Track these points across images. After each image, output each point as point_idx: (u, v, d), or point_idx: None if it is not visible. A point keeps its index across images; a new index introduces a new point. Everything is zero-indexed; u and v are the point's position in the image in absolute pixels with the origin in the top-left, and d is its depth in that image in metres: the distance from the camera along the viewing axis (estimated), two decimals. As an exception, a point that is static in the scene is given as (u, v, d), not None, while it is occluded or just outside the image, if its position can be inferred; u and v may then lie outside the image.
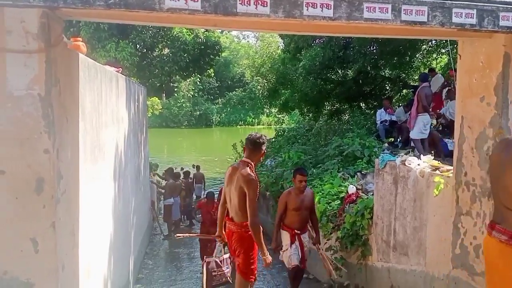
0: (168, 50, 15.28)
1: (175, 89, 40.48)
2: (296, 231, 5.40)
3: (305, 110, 18.27)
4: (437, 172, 4.40)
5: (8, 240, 2.43)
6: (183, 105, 43.24)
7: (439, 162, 4.74)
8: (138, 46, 14.57)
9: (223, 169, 17.97)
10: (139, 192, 8.55)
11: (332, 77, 16.69)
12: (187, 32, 14.87)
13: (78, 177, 3.06)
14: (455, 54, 7.32)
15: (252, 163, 4.04)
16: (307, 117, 18.52)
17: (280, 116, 39.63)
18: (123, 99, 6.48)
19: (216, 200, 7.62)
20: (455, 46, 9.91)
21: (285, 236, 5.48)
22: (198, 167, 14.78)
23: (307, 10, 2.48)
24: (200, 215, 8.71)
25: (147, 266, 8.57)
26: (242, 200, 3.87)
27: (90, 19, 4.70)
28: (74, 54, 3.14)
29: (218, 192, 7.91)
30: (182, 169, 16.39)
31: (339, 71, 16.72)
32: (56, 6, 2.23)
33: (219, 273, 4.62)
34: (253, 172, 3.93)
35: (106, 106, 4.85)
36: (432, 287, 4.37)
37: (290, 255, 5.39)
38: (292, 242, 5.39)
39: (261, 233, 3.92)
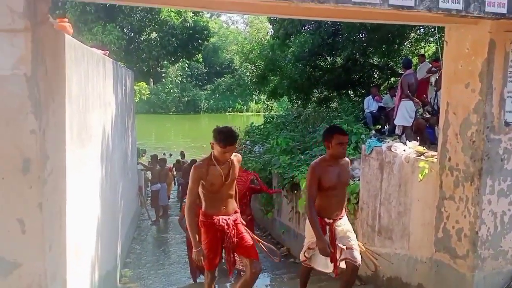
0: (156, 34, 15.10)
1: (163, 75, 40.14)
2: (327, 220, 3.82)
3: (294, 97, 18.25)
4: (422, 157, 4.48)
5: (-5, 221, 2.42)
6: (171, 91, 42.90)
7: (424, 148, 4.82)
8: (125, 29, 14.37)
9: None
10: (127, 177, 8.52)
11: (321, 64, 16.68)
12: (175, 16, 14.70)
13: (64, 158, 3.05)
14: (442, 42, 7.38)
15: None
16: (296, 104, 18.53)
17: (269, 103, 39.60)
18: (110, 82, 6.42)
19: None
20: (442, 34, 9.99)
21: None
22: (183, 155, 14.82)
23: (296, -8, 2.48)
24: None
25: (135, 251, 8.60)
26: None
27: (76, -1, 4.61)
28: (60, 34, 3.10)
29: None
30: (170, 155, 16.38)
31: (328, 58, 16.72)
32: (42, -16, 2.19)
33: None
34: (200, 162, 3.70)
35: (93, 88, 4.80)
36: (415, 270, 4.48)
37: (317, 258, 3.89)
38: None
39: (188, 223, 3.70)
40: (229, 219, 3.72)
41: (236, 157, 3.74)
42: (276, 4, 2.55)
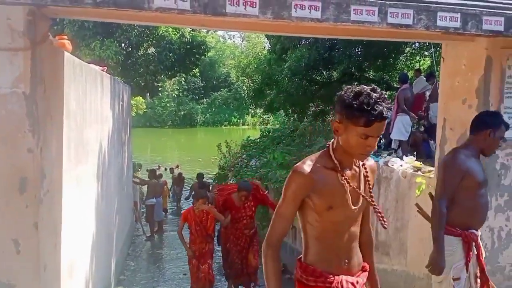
0: (154, 49, 15.17)
1: (160, 89, 40.20)
2: (475, 232, 2.89)
3: (290, 110, 18.34)
4: (419, 173, 4.48)
5: (-10, 241, 2.38)
6: (168, 104, 42.91)
7: (421, 163, 4.82)
8: (123, 44, 14.43)
9: (207, 169, 17.91)
10: (122, 192, 8.46)
11: (317, 78, 16.80)
12: (173, 31, 14.79)
13: (61, 177, 3.02)
14: (438, 57, 7.45)
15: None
16: (292, 118, 18.60)
17: (265, 116, 39.69)
18: (107, 98, 6.41)
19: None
20: (437, 48, 10.09)
21: (457, 247, 2.88)
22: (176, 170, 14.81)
23: (296, 11, 2.50)
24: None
25: (129, 267, 8.48)
26: None
27: (77, 17, 4.64)
28: (59, 52, 3.10)
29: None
30: (165, 169, 16.33)
31: (324, 73, 16.85)
32: (44, 4, 2.20)
33: None
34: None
35: (90, 105, 4.79)
36: (413, 286, 4.44)
37: None
38: (467, 261, 2.85)
39: None
40: (357, 283, 2.01)
41: (370, 164, 2.06)
42: (275, 23, 2.57)
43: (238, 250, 6.01)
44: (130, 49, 14.76)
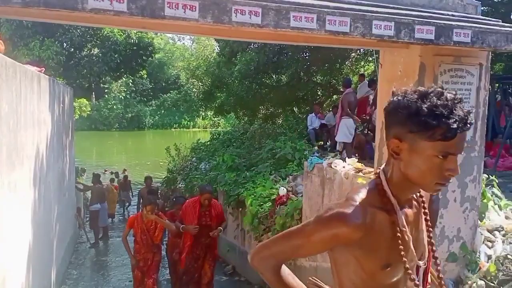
0: (98, 50, 14.71)
1: (106, 90, 38.87)
2: None
3: (241, 113, 18.41)
4: (360, 173, 4.64)
5: None
6: (114, 106, 41.55)
7: (363, 164, 5.00)
8: (65, 44, 13.87)
9: (155, 173, 17.53)
10: (64, 198, 8.11)
11: (267, 81, 16.99)
12: (118, 32, 14.42)
13: (-9, 184, 2.85)
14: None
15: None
16: (243, 121, 18.67)
17: (215, 119, 39.52)
18: (45, 100, 6.12)
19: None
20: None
21: None
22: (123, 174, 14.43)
23: (236, 16, 2.52)
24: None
25: (71, 276, 8.13)
26: None
27: (7, 16, 4.39)
28: (-13, 51, 2.92)
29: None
30: (111, 173, 15.84)
31: (274, 76, 17.06)
32: (-34, 0, 2.07)
33: None
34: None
35: (25, 107, 4.55)
36: (356, 284, 4.59)
37: None
38: None
39: None
40: None
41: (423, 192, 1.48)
42: (216, 27, 2.57)
43: (194, 258, 5.73)
44: (72, 49, 14.22)
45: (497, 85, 12.45)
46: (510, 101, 12.04)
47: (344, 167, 5.01)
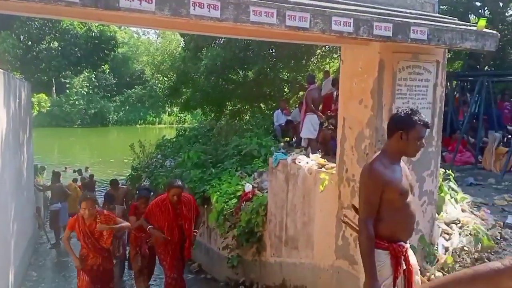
0: (57, 44, 14.18)
1: (68, 85, 37.62)
2: (404, 245, 2.77)
3: (207, 109, 18.29)
4: (323, 169, 4.70)
5: None
6: (76, 102, 40.13)
7: (325, 160, 5.06)
8: (22, 37, 13.30)
9: (118, 171, 17.14)
10: (21, 198, 7.80)
11: (234, 77, 16.93)
12: (79, 25, 13.99)
13: None
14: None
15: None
16: (209, 117, 18.54)
17: (182, 115, 39.05)
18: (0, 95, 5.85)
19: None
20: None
21: (385, 261, 2.71)
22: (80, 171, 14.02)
23: (194, 9, 2.47)
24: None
25: (31, 278, 7.85)
26: None
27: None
28: None
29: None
30: (74, 171, 15.38)
31: (240, 72, 17.02)
32: None
33: None
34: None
35: (-25, 102, 4.32)
36: (319, 277, 4.66)
37: None
38: (395, 276, 2.72)
39: None
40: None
41: None
42: (174, 20, 2.51)
43: (172, 262, 5.18)
44: (30, 42, 13.68)
45: (455, 82, 12.92)
46: (468, 98, 12.52)
47: (307, 162, 5.07)
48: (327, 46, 15.67)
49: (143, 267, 5.97)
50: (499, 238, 4.80)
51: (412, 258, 2.86)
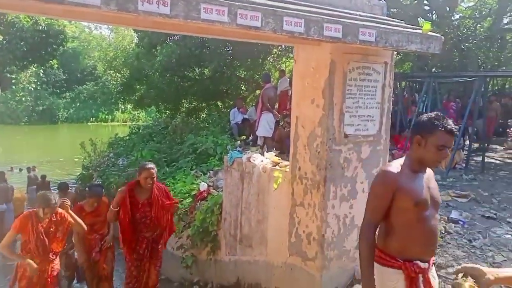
0: (2, 37, 13.42)
1: (14, 81, 35.69)
2: (421, 264, 2.42)
3: (162, 107, 17.94)
4: (277, 167, 4.75)
5: None
6: (23, 99, 38.19)
7: (280, 158, 5.12)
8: (-39, 29, 12.48)
9: (67, 170, 16.47)
10: (-40, 200, 7.31)
11: (189, 75, 16.72)
12: (25, 18, 13.28)
13: None
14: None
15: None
16: (165, 114, 18.22)
17: (135, 112, 38.08)
18: None
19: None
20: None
21: (398, 282, 2.41)
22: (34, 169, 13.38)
23: (142, 5, 2.41)
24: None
25: (-29, 284, 7.39)
26: None
27: None
28: None
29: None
30: (20, 170, 14.67)
31: (196, 69, 16.85)
32: None
33: None
34: None
35: None
36: (273, 274, 4.70)
37: None
38: None
39: None
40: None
41: None
42: (122, 15, 2.44)
43: (137, 259, 4.67)
44: (-29, 35, 12.85)
45: (405, 83, 13.45)
46: (416, 97, 13.09)
47: (262, 161, 5.10)
48: (283, 46, 15.84)
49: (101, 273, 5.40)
50: (443, 232, 5.06)
51: (435, 282, 2.49)
